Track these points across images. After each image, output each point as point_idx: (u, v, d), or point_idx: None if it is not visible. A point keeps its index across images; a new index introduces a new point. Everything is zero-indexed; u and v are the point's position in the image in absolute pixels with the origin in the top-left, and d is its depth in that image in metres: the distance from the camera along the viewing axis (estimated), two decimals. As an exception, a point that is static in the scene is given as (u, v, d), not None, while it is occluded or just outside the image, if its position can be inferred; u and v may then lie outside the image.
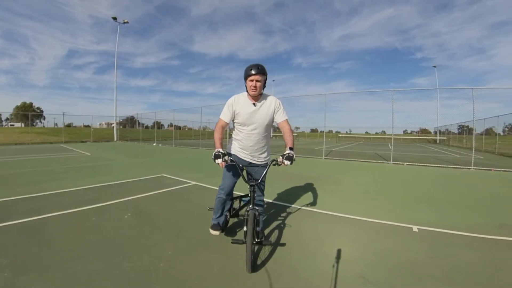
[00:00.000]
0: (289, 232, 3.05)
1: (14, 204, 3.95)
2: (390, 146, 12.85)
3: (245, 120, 2.51)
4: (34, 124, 48.93)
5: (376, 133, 38.19)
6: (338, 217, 3.62)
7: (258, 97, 2.50)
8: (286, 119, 2.54)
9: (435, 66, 41.31)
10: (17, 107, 56.53)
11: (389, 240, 2.87)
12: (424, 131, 32.58)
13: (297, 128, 37.06)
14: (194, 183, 5.77)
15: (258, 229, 2.33)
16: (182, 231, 3.02)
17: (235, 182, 2.62)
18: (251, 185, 2.40)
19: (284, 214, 3.66)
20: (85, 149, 15.34)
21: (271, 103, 2.52)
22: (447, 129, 30.13)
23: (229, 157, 2.41)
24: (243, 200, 3.13)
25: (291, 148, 2.32)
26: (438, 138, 31.01)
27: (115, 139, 27.89)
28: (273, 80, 56.77)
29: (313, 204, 4.21)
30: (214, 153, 2.27)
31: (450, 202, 4.52)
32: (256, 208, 2.34)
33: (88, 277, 2.04)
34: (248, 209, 2.32)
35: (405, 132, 31.75)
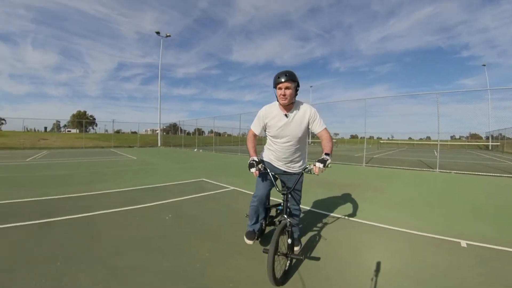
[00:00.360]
0: (325, 241, 2.99)
1: (68, 201, 4.41)
2: (436, 152, 11.98)
3: (277, 134, 2.40)
4: (88, 130, 53.67)
5: (420, 138, 35.76)
6: (379, 227, 3.45)
7: (290, 106, 2.33)
8: (325, 128, 2.36)
9: (484, 65, 37.74)
10: (73, 115, 62.89)
11: (433, 254, 2.67)
12: (474, 136, 29.75)
13: (336, 134, 36.08)
14: (233, 188, 5.89)
15: (289, 240, 2.17)
16: (219, 235, 3.11)
17: (269, 190, 2.55)
18: (283, 194, 2.32)
19: (320, 224, 3.58)
20: (132, 154, 16.52)
21: (305, 113, 2.35)
22: (500, 134, 27.14)
23: (263, 165, 2.38)
24: (279, 208, 3.09)
25: (327, 154, 2.16)
26: (490, 143, 28.06)
27: (159, 145, 29.61)
28: (311, 86, 56.53)
29: (351, 213, 4.05)
30: (249, 162, 2.30)
31: (504, 215, 4.07)
32: (287, 217, 2.21)
33: (129, 272, 2.21)
34: (280, 218, 2.28)
35: (452, 137, 29.35)
